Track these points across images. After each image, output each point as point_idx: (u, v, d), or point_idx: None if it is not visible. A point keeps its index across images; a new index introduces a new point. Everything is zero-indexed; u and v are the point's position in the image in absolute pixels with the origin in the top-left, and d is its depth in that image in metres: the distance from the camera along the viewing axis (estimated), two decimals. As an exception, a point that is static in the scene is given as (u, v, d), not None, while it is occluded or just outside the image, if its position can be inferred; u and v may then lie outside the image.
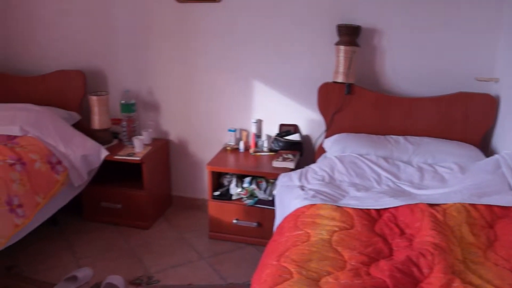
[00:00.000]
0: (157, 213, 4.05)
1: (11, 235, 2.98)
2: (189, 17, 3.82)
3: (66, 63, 4.19)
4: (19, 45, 4.35)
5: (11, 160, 3.20)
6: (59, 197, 3.51)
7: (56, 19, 4.17)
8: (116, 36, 4.04)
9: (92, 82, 4.14)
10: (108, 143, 3.98)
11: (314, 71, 3.65)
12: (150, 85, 4.07)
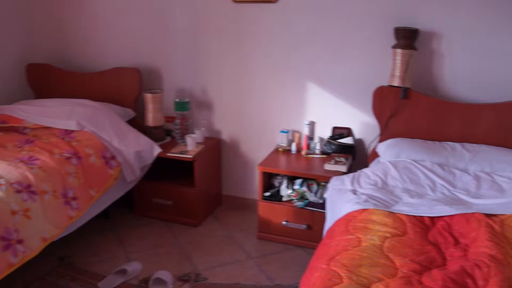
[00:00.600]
0: (207, 211, 4.07)
1: (65, 226, 3.06)
2: (245, 17, 3.83)
3: (122, 61, 4.26)
4: (78, 42, 4.46)
5: (67, 153, 3.28)
6: (112, 191, 3.58)
7: (114, 17, 4.25)
8: (172, 35, 4.09)
9: (147, 79, 4.20)
10: (161, 140, 4.03)
11: (369, 74, 3.60)
12: (204, 84, 4.10)
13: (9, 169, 2.96)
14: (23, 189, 2.86)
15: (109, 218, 3.99)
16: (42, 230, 2.89)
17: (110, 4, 4.24)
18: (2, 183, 2.81)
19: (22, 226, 2.76)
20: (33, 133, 3.60)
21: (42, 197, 2.93)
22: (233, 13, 3.85)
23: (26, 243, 2.76)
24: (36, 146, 3.34)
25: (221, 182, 4.29)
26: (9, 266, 2.65)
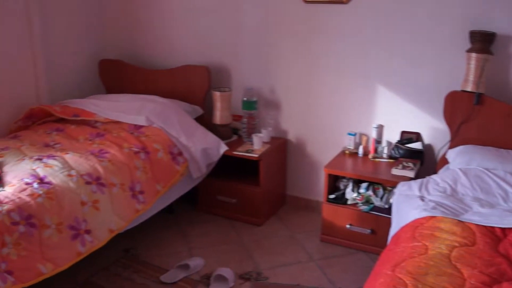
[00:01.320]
0: (271, 211, 4.07)
1: (132, 219, 3.13)
2: (315, 17, 3.80)
3: (192, 59, 4.32)
4: (149, 40, 4.56)
5: (136, 148, 3.35)
6: (178, 187, 3.63)
7: (185, 16, 4.31)
8: (242, 34, 4.11)
9: (216, 78, 4.24)
10: (228, 139, 4.05)
11: (441, 78, 3.50)
12: (273, 84, 4.09)
13: (80, 161, 3.06)
14: (92, 181, 2.95)
15: (174, 213, 4.05)
16: (109, 221, 2.97)
17: (181, 3, 4.31)
18: (73, 174, 2.91)
19: (90, 217, 2.85)
20: (103, 127, 3.70)
21: (110, 190, 3.01)
22: (304, 13, 3.83)
23: (94, 233, 2.85)
24: (107, 140, 3.43)
25: (285, 182, 4.27)
26: (77, 255, 2.75)
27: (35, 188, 2.72)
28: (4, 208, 2.52)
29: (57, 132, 3.62)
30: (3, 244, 2.44)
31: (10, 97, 3.90)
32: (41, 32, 4.04)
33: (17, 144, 3.40)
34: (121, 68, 4.50)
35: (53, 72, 4.21)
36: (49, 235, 2.63)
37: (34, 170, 2.93)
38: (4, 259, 2.42)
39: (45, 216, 2.64)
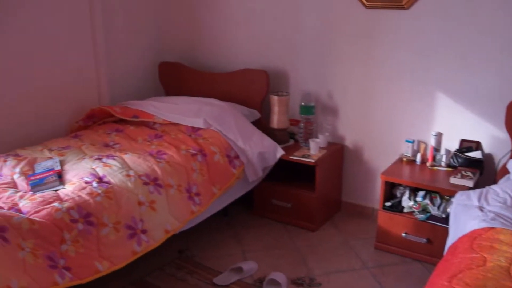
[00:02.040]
0: (325, 217, 4.04)
1: (187, 220, 3.16)
2: (375, 22, 3.75)
3: (251, 62, 4.34)
4: (208, 43, 4.60)
5: (193, 150, 3.39)
6: (233, 190, 3.65)
7: (245, 20, 4.34)
8: (301, 39, 4.10)
9: (274, 82, 4.24)
10: (285, 143, 4.05)
11: (503, 86, 3.38)
12: (331, 89, 4.06)
13: (139, 162, 3.12)
14: (150, 181, 3.01)
15: (228, 216, 4.07)
16: (165, 222, 3.01)
17: (241, 7, 4.33)
18: (131, 174, 2.97)
19: (147, 217, 2.90)
20: (162, 129, 3.76)
21: (167, 191, 3.06)
22: (364, 18, 3.79)
23: (150, 233, 2.89)
24: (165, 141, 3.49)
25: (341, 188, 4.23)
26: (133, 254, 2.79)
27: (94, 187, 2.80)
28: (64, 206, 2.60)
29: (117, 133, 3.71)
30: (62, 241, 2.51)
31: (73, 98, 4.03)
32: (104, 36, 4.16)
33: (78, 144, 3.51)
34: (180, 70, 4.57)
35: (114, 73, 4.33)
36: (107, 234, 2.69)
37: (93, 169, 3.01)
38: (63, 256, 2.49)
39: (103, 214, 2.71)
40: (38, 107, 3.80)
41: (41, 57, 3.78)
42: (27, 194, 2.76)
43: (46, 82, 3.84)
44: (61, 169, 3.08)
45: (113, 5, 4.26)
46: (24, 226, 2.40)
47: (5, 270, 2.19)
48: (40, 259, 2.39)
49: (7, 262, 2.23)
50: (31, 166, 3.13)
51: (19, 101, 3.68)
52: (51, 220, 2.51)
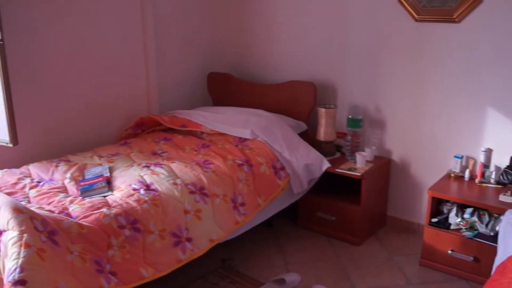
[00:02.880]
0: (370, 231, 3.99)
1: (232, 230, 3.16)
2: (425, 36, 3.69)
3: (299, 74, 4.34)
4: (257, 54, 4.63)
5: (240, 161, 3.40)
6: (278, 201, 3.64)
7: (293, 31, 4.35)
8: (350, 52, 4.08)
9: (322, 94, 4.22)
10: (331, 155, 4.02)
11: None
12: (378, 102, 4.02)
13: (186, 171, 3.15)
14: (196, 190, 3.03)
15: (272, 227, 4.07)
16: (210, 231, 3.02)
17: (289, 19, 4.34)
18: (178, 183, 3.00)
19: (192, 226, 2.92)
20: (209, 138, 3.79)
21: (213, 200, 3.07)
22: (414, 31, 3.74)
23: (195, 242, 2.91)
24: (212, 151, 3.51)
25: (387, 202, 4.17)
26: (177, 262, 2.81)
27: (142, 194, 2.83)
28: (112, 212, 2.64)
29: (165, 141, 3.76)
30: (109, 246, 2.55)
31: (123, 106, 4.11)
32: (155, 46, 4.23)
33: (127, 151, 3.57)
34: (228, 81, 4.61)
35: (163, 83, 4.39)
36: (152, 241, 2.72)
37: (141, 176, 3.05)
38: (109, 261, 2.53)
39: (149, 221, 2.74)
40: (89, 114, 3.89)
41: (94, 66, 3.87)
42: (76, 199, 2.81)
43: (97, 90, 3.92)
44: (110, 175, 3.13)
45: (165, 16, 4.33)
46: (73, 230, 2.45)
47: (54, 272, 2.23)
48: (88, 263, 2.43)
49: (56, 265, 2.27)
50: (81, 172, 3.20)
51: (71, 108, 3.77)
52: (99, 225, 2.55)
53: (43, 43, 3.55)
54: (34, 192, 2.91)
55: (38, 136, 3.60)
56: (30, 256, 2.16)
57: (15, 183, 3.02)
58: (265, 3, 4.48)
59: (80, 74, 3.79)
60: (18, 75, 3.33)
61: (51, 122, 3.67)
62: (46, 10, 3.53)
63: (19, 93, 3.34)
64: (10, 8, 3.25)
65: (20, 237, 2.20)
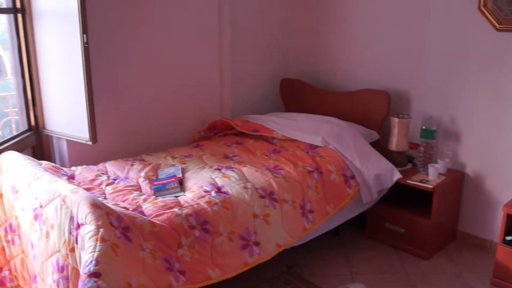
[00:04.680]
0: (439, 245, 3.89)
1: (299, 236, 3.17)
2: (506, 47, 3.56)
3: (372, 83, 4.30)
4: (330, 61, 4.63)
5: (310, 167, 3.41)
6: (347, 210, 3.62)
7: (368, 39, 4.32)
8: (426, 61, 4.00)
9: (395, 103, 4.17)
10: (402, 166, 3.96)
11: None
12: (454, 114, 3.93)
13: (256, 175, 3.18)
14: (266, 195, 3.05)
15: (339, 236, 4.04)
16: (278, 236, 3.03)
17: (365, 27, 4.32)
18: (248, 187, 3.03)
19: (260, 230, 2.94)
20: (280, 144, 3.81)
21: (282, 206, 3.09)
22: (494, 41, 3.62)
23: (262, 246, 2.93)
24: (282, 157, 3.53)
25: (458, 217, 4.06)
26: (244, 265, 2.84)
27: (213, 196, 2.88)
28: (184, 212, 2.70)
29: (236, 145, 3.81)
30: (179, 245, 2.60)
31: (197, 109, 4.21)
32: (230, 50, 4.30)
33: (199, 153, 3.65)
34: (301, 87, 4.62)
35: (237, 88, 4.46)
36: (221, 242, 2.76)
37: (213, 179, 3.11)
38: (179, 259, 2.58)
39: (219, 223, 2.78)
40: (164, 116, 4.00)
41: (170, 69, 3.99)
42: (150, 197, 2.90)
43: (173, 93, 4.04)
44: (182, 176, 3.21)
45: (241, 21, 4.40)
46: (146, 228, 2.52)
47: (127, 267, 2.30)
48: (158, 260, 2.49)
49: (129, 260, 2.34)
50: (155, 172, 3.29)
51: (147, 110, 3.90)
52: (171, 225, 2.61)
53: (124, 47, 3.69)
54: (110, 189, 3.02)
55: (115, 135, 3.74)
56: (105, 250, 2.24)
57: (93, 180, 3.15)
58: (340, 11, 4.47)
59: (156, 76, 3.91)
60: (99, 76, 3.47)
61: (128, 122, 3.80)
62: (128, 16, 3.68)
63: (100, 93, 3.47)
64: (95, 13, 3.39)
65: (97, 231, 2.29)
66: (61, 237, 2.46)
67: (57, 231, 2.49)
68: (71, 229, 2.42)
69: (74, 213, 2.41)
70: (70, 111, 3.37)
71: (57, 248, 2.49)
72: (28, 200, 2.73)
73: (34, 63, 3.47)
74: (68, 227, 2.44)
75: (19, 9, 3.39)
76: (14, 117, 5.02)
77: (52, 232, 2.52)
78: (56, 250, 2.49)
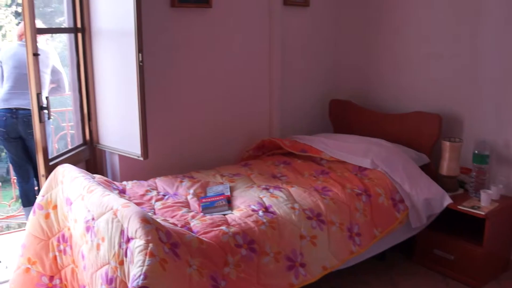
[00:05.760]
0: (491, 275, 3.78)
1: (346, 259, 3.14)
2: None
3: (423, 105, 4.24)
4: (381, 83, 4.61)
5: (358, 190, 3.38)
6: (394, 234, 3.56)
7: (420, 62, 4.28)
8: (479, 83, 3.94)
9: (447, 127, 4.10)
10: (453, 191, 3.88)
11: None
12: (508, 138, 3.83)
13: (304, 196, 3.18)
14: (313, 216, 3.05)
15: (385, 260, 3.98)
16: (324, 258, 3.02)
17: (417, 51, 4.30)
18: (296, 207, 3.03)
19: (307, 251, 2.93)
20: (328, 165, 3.81)
21: (329, 228, 3.08)
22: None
23: (308, 268, 2.92)
24: (330, 178, 3.53)
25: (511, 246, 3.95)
26: (289, 286, 2.83)
27: (260, 215, 2.90)
28: (231, 230, 2.72)
29: (284, 165, 3.82)
30: (225, 263, 2.62)
31: (246, 128, 4.28)
32: (280, 71, 4.35)
33: (248, 172, 3.68)
34: (350, 108, 4.61)
35: (286, 108, 4.50)
36: (267, 262, 2.76)
37: (260, 198, 3.13)
38: (225, 277, 2.60)
39: (266, 243, 2.79)
40: (213, 134, 4.08)
41: (221, 89, 4.09)
42: (198, 214, 2.94)
43: (223, 112, 4.12)
44: (230, 194, 3.24)
45: (291, 43, 4.45)
46: (193, 245, 2.54)
47: (174, 283, 2.33)
48: (205, 277, 2.50)
49: (176, 276, 2.36)
50: (204, 189, 3.34)
51: (197, 128, 3.99)
52: (218, 242, 2.64)
53: (177, 67, 3.81)
54: (159, 204, 3.08)
55: (166, 151, 3.82)
56: (153, 265, 2.27)
57: (143, 195, 3.21)
58: (392, 32, 4.45)
59: (207, 96, 4.00)
60: (152, 94, 3.57)
61: (178, 139, 3.88)
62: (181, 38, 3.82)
63: (152, 111, 3.56)
64: (151, 33, 3.49)
65: (146, 246, 2.33)
66: (111, 249, 2.51)
67: (107, 243, 2.55)
68: (121, 243, 2.47)
69: (124, 227, 2.47)
70: (123, 127, 3.46)
71: (106, 260, 2.54)
72: (81, 212, 2.81)
73: (91, 79, 3.59)
74: (118, 240, 2.49)
75: (80, 28, 3.52)
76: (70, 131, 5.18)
77: (103, 245, 2.58)
78: (106, 262, 2.55)
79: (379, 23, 4.56)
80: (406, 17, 4.36)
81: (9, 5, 9.97)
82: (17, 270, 3.14)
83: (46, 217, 3.11)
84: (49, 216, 3.11)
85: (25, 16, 3.04)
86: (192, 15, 3.84)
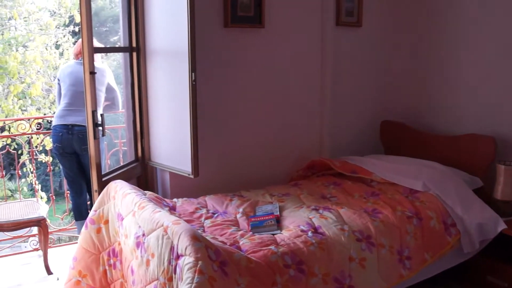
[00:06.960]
0: (547, 304, 3.66)
1: (395, 283, 3.09)
2: None
3: (477, 127, 4.15)
4: (434, 105, 4.52)
5: (409, 212, 3.33)
6: (446, 259, 3.48)
7: (475, 83, 4.18)
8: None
9: (502, 150, 4.00)
10: (508, 216, 3.76)
11: None
12: None
13: (353, 217, 3.16)
14: (363, 238, 3.01)
15: (436, 285, 3.88)
16: (372, 281, 2.98)
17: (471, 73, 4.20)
18: (345, 229, 3.01)
19: (355, 273, 2.90)
20: (378, 187, 3.76)
21: (379, 250, 3.03)
22: None
23: (356, 290, 2.89)
24: (381, 200, 3.48)
25: None
26: (337, 308, 2.81)
27: (309, 236, 2.88)
28: (280, 250, 2.72)
29: (334, 186, 3.80)
30: (273, 284, 2.61)
31: (296, 148, 4.28)
32: (331, 91, 4.35)
33: (297, 192, 3.67)
34: (401, 130, 4.55)
35: (336, 128, 4.48)
36: (315, 284, 2.74)
37: (310, 219, 3.12)
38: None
39: (314, 264, 2.77)
40: (263, 154, 4.10)
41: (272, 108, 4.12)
42: (247, 233, 2.95)
43: (273, 131, 4.15)
44: (279, 214, 3.24)
45: (343, 64, 4.44)
46: (242, 263, 2.55)
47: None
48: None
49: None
50: (253, 208, 3.35)
51: (247, 147, 4.02)
52: (266, 262, 2.63)
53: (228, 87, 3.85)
54: (209, 222, 3.10)
55: (216, 170, 3.85)
56: (202, 283, 2.29)
57: (193, 212, 3.25)
58: (445, 53, 4.38)
59: (258, 115, 4.03)
60: (203, 113, 3.61)
61: (229, 158, 3.92)
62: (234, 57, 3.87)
63: (203, 129, 3.60)
64: (204, 53, 3.55)
65: (195, 263, 2.35)
66: (161, 266, 2.55)
67: (157, 259, 2.58)
68: (171, 259, 2.50)
69: (174, 244, 2.50)
70: (175, 145, 3.52)
71: (156, 276, 2.57)
72: (132, 227, 2.86)
73: (145, 97, 3.67)
74: (168, 256, 2.52)
75: (134, 48, 3.61)
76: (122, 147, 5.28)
77: (152, 261, 2.61)
78: (155, 278, 2.58)
79: (432, 44, 4.51)
80: (459, 39, 4.29)
81: (67, 24, 10.33)
82: (68, 283, 3.22)
83: (97, 231, 3.18)
84: (101, 231, 3.17)
85: (83, 35, 3.14)
86: (244, 35, 3.89)
